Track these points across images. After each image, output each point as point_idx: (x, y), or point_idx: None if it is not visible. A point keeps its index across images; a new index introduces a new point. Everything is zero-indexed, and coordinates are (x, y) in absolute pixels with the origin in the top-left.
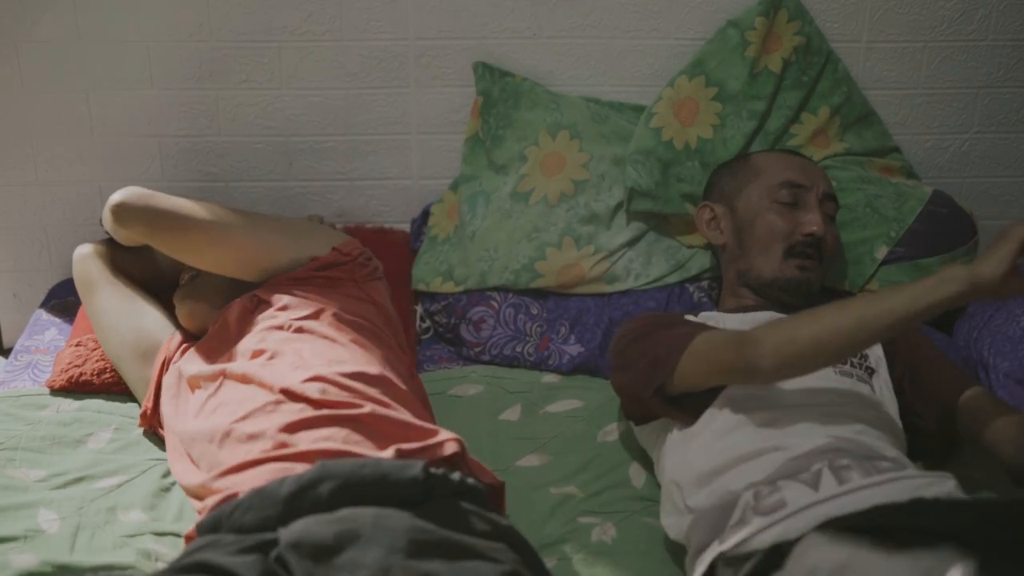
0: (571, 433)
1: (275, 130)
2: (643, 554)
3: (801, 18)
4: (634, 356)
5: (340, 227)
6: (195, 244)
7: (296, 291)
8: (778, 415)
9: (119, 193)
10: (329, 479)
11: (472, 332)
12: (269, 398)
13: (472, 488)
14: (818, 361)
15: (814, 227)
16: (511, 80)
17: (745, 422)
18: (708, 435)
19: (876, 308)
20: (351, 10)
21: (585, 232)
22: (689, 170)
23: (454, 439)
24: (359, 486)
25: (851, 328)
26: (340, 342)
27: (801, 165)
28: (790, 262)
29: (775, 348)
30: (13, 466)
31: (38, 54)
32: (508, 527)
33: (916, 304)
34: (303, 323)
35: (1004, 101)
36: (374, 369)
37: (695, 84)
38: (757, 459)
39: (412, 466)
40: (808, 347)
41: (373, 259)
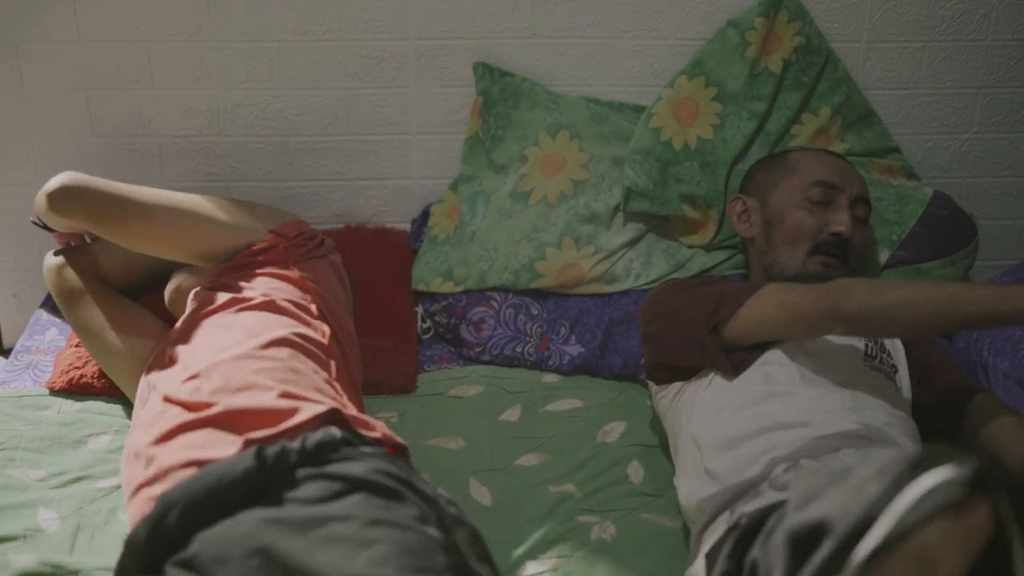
0: (570, 432)
1: (275, 130)
2: (643, 552)
3: (801, 18)
4: (683, 302)
5: (341, 227)
6: (135, 230)
7: (228, 280)
8: (811, 393)
9: (57, 179)
10: (172, 508)
11: (472, 332)
12: (158, 408)
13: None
14: (899, 323)
15: (841, 227)
16: (511, 80)
17: (778, 394)
18: (739, 400)
19: (969, 294)
20: (351, 10)
21: (585, 232)
22: (688, 170)
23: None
24: (200, 502)
25: (941, 302)
26: (236, 327)
27: (837, 166)
28: (814, 259)
29: (866, 294)
30: (13, 466)
31: (38, 54)
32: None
33: (1001, 306)
34: (215, 316)
35: (1004, 101)
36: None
37: (695, 84)
38: (783, 431)
39: (244, 457)
40: (895, 304)
41: (316, 238)
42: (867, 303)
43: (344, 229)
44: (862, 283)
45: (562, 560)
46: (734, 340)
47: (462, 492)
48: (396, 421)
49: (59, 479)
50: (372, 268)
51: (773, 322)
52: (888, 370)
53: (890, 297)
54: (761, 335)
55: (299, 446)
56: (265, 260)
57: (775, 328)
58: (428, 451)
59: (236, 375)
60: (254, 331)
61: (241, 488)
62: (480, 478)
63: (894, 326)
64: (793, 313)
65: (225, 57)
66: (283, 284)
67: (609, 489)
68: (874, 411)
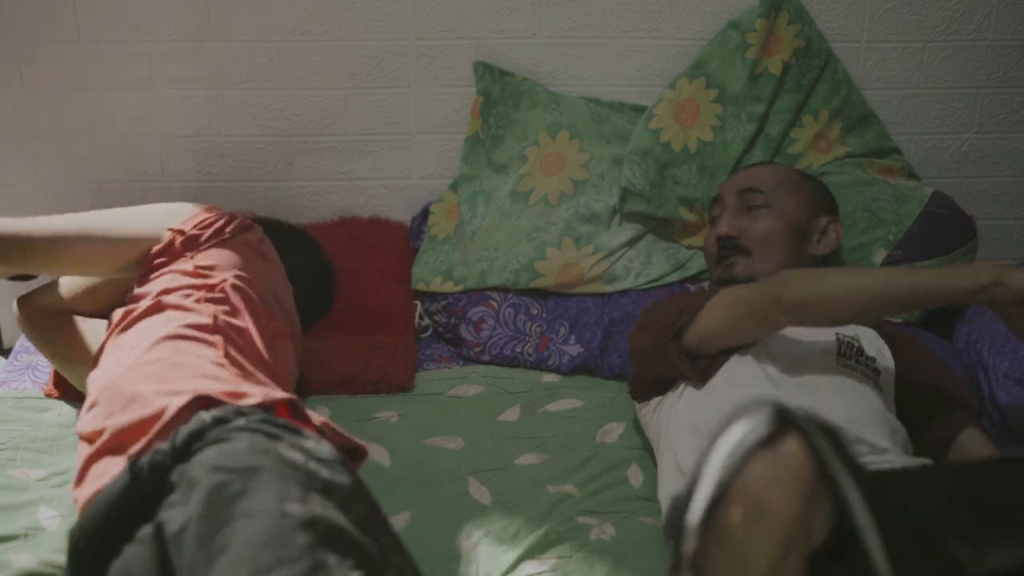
0: (570, 432)
1: (275, 130)
2: (642, 553)
3: (802, 20)
4: (657, 316)
5: (336, 219)
6: (43, 264)
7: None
8: (773, 392)
9: None
10: (77, 544)
11: (472, 332)
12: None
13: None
14: (841, 309)
15: (720, 230)
16: (511, 80)
17: (741, 394)
18: (707, 405)
19: (905, 276)
20: (351, 10)
21: (585, 232)
22: (686, 173)
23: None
24: (93, 532)
25: (883, 284)
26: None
27: (726, 180)
28: (719, 267)
29: (803, 283)
30: (14, 466)
31: (38, 54)
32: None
33: (941, 282)
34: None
35: (1004, 101)
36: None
37: (696, 86)
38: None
39: (122, 475)
40: (835, 291)
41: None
42: (807, 290)
43: (338, 221)
44: (803, 272)
45: (562, 560)
46: (697, 346)
47: (462, 492)
48: (396, 420)
49: (60, 478)
50: (368, 262)
51: (728, 321)
52: (866, 370)
53: (831, 283)
54: (720, 337)
55: (169, 445)
56: (164, 260)
57: (730, 327)
58: (428, 451)
59: (121, 392)
60: (139, 340)
61: (126, 508)
62: (480, 478)
63: (838, 311)
64: (742, 309)
65: (225, 57)
66: (178, 279)
67: (609, 491)
68: (841, 409)
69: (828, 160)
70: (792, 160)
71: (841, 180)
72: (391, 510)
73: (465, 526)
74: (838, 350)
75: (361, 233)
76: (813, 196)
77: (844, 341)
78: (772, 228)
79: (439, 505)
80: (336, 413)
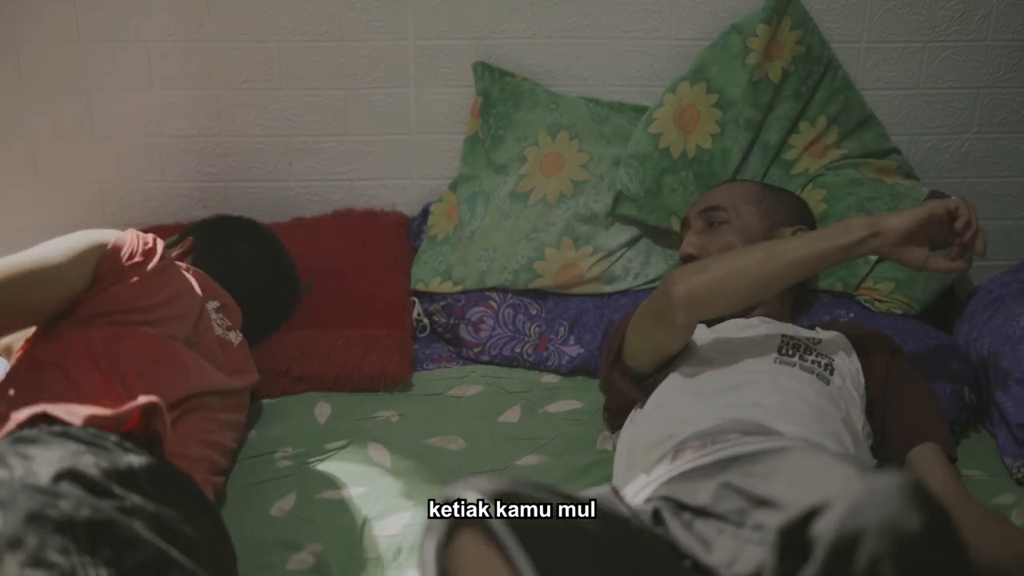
0: (570, 434)
1: (275, 130)
2: None
3: (804, 26)
4: (607, 345)
5: (329, 212)
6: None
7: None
8: (683, 400)
9: None
10: None
11: (471, 332)
12: None
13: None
14: (734, 288)
15: (683, 251)
16: (511, 80)
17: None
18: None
19: (784, 246)
20: (351, 10)
21: (584, 232)
22: (682, 180)
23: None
24: None
25: (758, 261)
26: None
27: (695, 202)
28: None
29: (686, 275)
30: None
31: (38, 54)
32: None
33: (820, 245)
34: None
35: (1004, 101)
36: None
37: (697, 90)
38: (656, 447)
39: None
40: (721, 273)
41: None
42: (691, 282)
43: (332, 215)
44: (687, 267)
45: None
46: (636, 365)
47: None
48: (396, 420)
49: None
50: (363, 254)
51: (639, 331)
52: (813, 367)
53: (713, 269)
54: (640, 349)
55: None
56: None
57: (642, 336)
58: (428, 451)
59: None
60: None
61: None
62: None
63: (732, 294)
64: (644, 316)
65: (225, 57)
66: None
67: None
68: (750, 400)
69: (823, 164)
70: (787, 166)
71: (834, 181)
72: (391, 510)
73: None
74: (779, 347)
75: (354, 223)
76: (775, 207)
77: (787, 341)
78: (731, 242)
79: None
80: (336, 412)
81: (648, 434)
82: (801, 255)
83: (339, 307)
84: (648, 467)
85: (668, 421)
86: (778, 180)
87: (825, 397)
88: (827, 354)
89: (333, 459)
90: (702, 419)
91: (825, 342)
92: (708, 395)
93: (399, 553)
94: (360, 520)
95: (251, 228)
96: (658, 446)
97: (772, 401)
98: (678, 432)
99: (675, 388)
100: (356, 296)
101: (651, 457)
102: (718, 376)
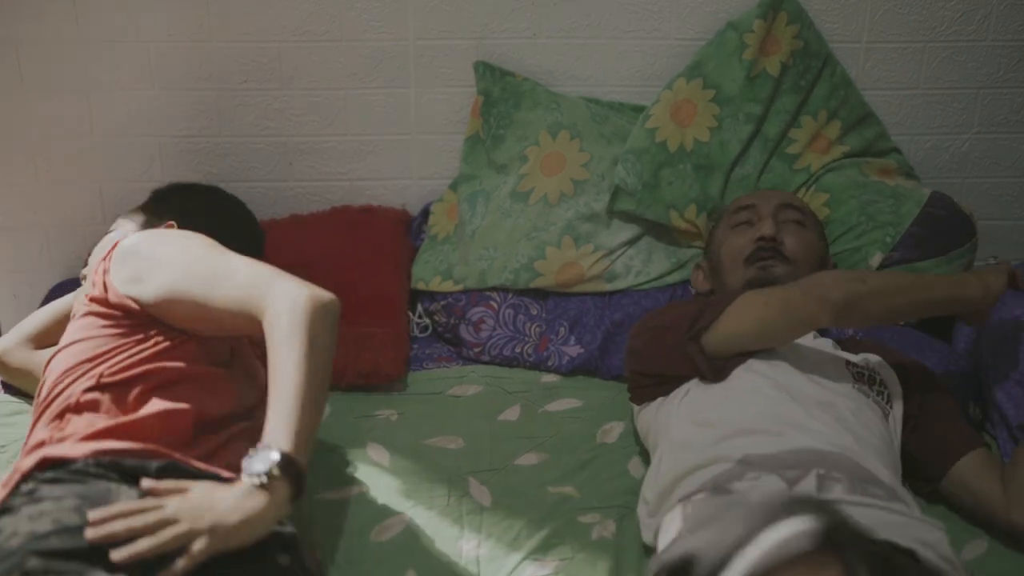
0: (570, 432)
1: (275, 130)
2: (644, 549)
3: (800, 21)
4: (668, 318)
5: (327, 209)
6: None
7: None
8: (790, 405)
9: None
10: None
11: (471, 332)
12: None
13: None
14: (877, 311)
15: (765, 230)
16: (512, 80)
17: (757, 400)
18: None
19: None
20: (351, 10)
21: (584, 231)
22: (680, 173)
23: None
24: None
25: (910, 287)
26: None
27: (755, 192)
28: (753, 267)
29: (847, 283)
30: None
31: (38, 54)
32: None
33: (960, 287)
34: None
35: (1004, 101)
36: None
37: (693, 86)
38: (756, 435)
39: None
40: (876, 290)
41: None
42: (852, 289)
43: (329, 211)
44: (840, 273)
45: (564, 563)
46: (715, 348)
47: (462, 492)
48: (396, 420)
49: None
50: (359, 251)
51: (760, 322)
52: (880, 399)
53: (871, 284)
54: (747, 338)
55: None
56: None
57: (761, 328)
58: (428, 450)
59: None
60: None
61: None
62: (480, 478)
63: (876, 312)
64: (776, 310)
65: (225, 57)
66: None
67: (609, 488)
68: (851, 434)
69: (826, 161)
70: (790, 160)
71: (838, 182)
72: (390, 510)
73: (465, 527)
74: (854, 376)
75: (352, 220)
76: (823, 240)
77: (858, 367)
78: (813, 245)
79: (439, 505)
80: (336, 411)
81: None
82: (940, 295)
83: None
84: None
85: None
86: (780, 173)
87: (887, 430)
88: (888, 385)
89: (332, 459)
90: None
91: (885, 375)
92: (803, 404)
93: (398, 552)
94: (359, 520)
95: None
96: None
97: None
98: (787, 433)
99: (762, 381)
100: (351, 292)
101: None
102: (803, 384)
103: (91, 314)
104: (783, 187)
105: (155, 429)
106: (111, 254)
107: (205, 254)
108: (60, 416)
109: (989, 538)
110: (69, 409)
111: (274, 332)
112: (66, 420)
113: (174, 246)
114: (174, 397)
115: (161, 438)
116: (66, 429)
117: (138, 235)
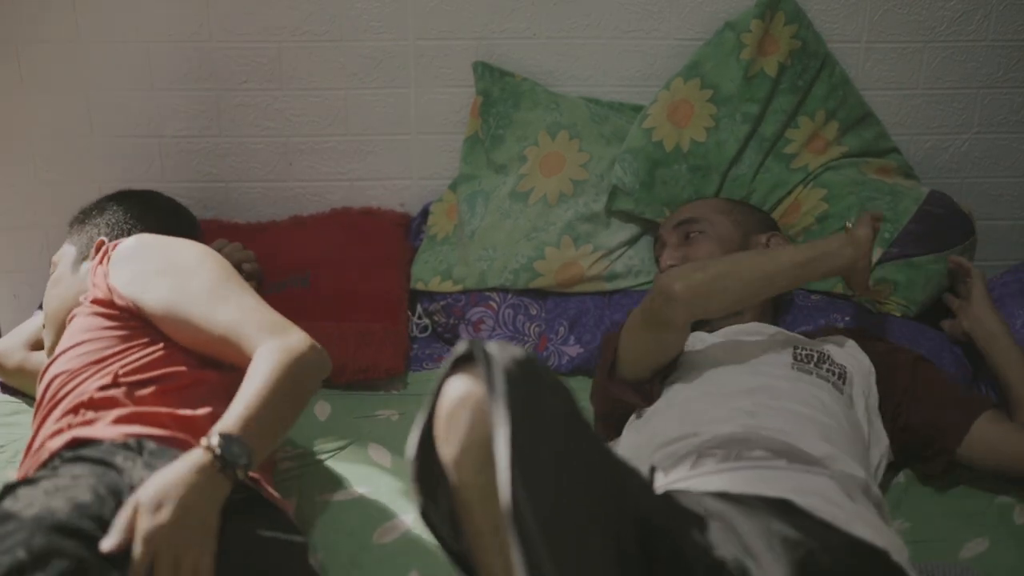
0: None
1: (275, 130)
2: None
3: (798, 21)
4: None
5: (327, 211)
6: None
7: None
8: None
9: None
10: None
11: (471, 333)
12: None
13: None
14: (730, 290)
15: (668, 260)
16: (511, 80)
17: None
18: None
19: (785, 250)
20: (351, 10)
21: (584, 231)
22: (676, 173)
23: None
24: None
25: (762, 262)
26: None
27: (664, 218)
28: None
29: (686, 275)
30: (14, 467)
31: (38, 54)
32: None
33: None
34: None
35: (1004, 101)
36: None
37: (691, 86)
38: (673, 444)
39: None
40: (720, 273)
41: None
42: (692, 279)
43: (329, 212)
44: (683, 267)
45: None
46: (634, 375)
47: None
48: (397, 420)
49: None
50: (359, 250)
51: (635, 335)
52: (828, 375)
53: (712, 269)
54: (637, 355)
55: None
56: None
57: (639, 340)
58: None
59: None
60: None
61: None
62: None
63: (728, 294)
64: (641, 319)
65: (225, 57)
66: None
67: None
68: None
69: (824, 161)
70: (787, 159)
71: (835, 180)
72: (391, 511)
73: None
74: (794, 356)
75: (352, 221)
76: (746, 217)
77: (806, 351)
78: (712, 250)
79: None
80: (336, 411)
81: (666, 431)
82: (797, 260)
83: (334, 302)
84: (667, 466)
85: (689, 419)
86: (778, 174)
87: (841, 405)
88: (840, 362)
89: (334, 460)
90: (726, 422)
91: (835, 350)
92: (728, 396)
93: (401, 554)
94: (362, 522)
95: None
96: (679, 443)
97: (796, 410)
98: (703, 431)
99: (689, 388)
100: (351, 291)
101: (670, 455)
102: (734, 377)
103: (95, 315)
104: (780, 186)
105: (204, 430)
106: (109, 256)
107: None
108: (74, 411)
109: (990, 537)
110: (83, 405)
111: (262, 353)
112: (81, 415)
113: (174, 251)
114: (196, 402)
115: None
116: (89, 416)
117: (135, 239)
